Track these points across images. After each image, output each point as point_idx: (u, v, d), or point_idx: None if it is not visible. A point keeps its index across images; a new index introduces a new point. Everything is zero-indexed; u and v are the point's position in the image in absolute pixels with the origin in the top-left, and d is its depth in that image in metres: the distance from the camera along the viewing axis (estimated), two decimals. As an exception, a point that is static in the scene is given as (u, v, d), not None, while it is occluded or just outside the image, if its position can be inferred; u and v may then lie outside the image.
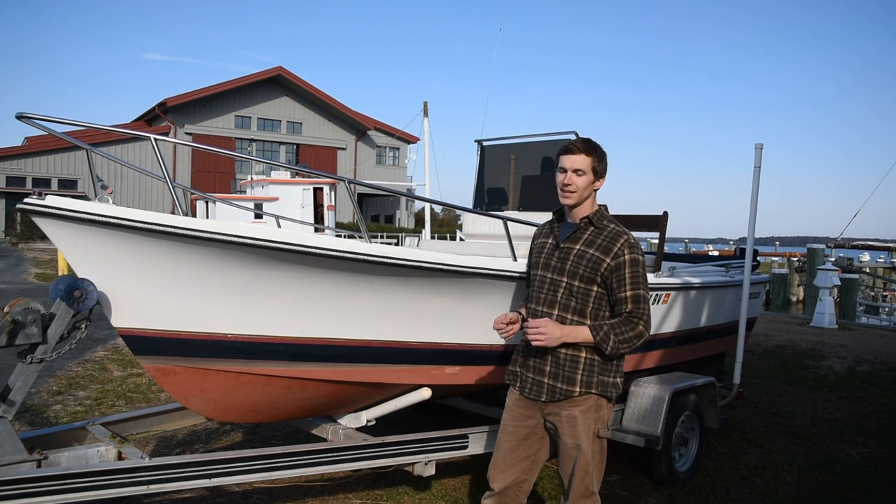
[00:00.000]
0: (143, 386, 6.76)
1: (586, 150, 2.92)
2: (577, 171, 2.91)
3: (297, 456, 3.56)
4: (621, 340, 2.81)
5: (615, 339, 2.81)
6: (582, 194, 2.93)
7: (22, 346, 3.10)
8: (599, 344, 2.83)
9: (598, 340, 2.82)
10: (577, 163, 2.91)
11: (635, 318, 2.83)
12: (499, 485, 3.09)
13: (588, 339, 2.84)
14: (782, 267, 27.02)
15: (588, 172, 2.91)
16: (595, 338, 2.83)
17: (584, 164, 2.91)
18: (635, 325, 2.83)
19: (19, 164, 37.47)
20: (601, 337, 2.82)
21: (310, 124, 46.12)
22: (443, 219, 52.39)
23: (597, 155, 2.93)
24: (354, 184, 3.80)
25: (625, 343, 2.82)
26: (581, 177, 2.91)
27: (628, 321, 2.83)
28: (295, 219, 6.28)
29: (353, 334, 3.64)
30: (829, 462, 5.29)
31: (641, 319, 2.84)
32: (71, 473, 3.04)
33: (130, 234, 3.03)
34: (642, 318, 2.84)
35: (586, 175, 2.91)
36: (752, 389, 7.50)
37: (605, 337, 2.82)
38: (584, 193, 2.93)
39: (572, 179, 2.91)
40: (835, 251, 18.34)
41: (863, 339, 11.81)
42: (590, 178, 2.92)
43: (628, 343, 2.83)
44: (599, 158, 2.94)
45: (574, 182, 2.91)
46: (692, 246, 41.25)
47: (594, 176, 2.93)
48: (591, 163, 2.91)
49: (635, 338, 2.83)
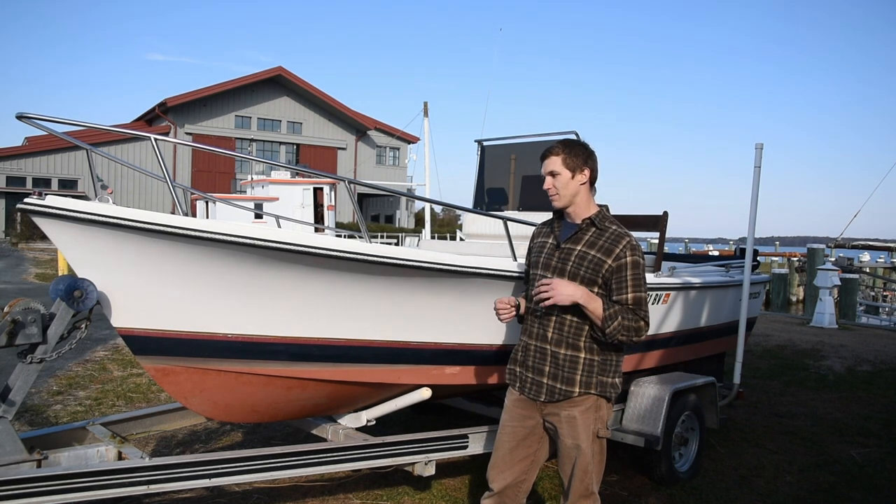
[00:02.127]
0: (143, 386, 6.76)
1: (555, 151, 2.94)
2: (550, 173, 2.94)
3: (297, 456, 3.56)
4: (625, 326, 2.79)
5: (621, 321, 2.79)
6: (565, 194, 2.93)
7: (22, 346, 3.10)
8: (606, 320, 2.79)
9: (607, 316, 2.79)
10: (549, 166, 2.94)
11: (637, 315, 2.84)
12: (498, 485, 3.09)
13: (598, 310, 2.80)
14: (782, 267, 27.01)
15: (562, 171, 2.92)
16: (605, 311, 2.80)
17: (556, 164, 2.92)
18: (638, 320, 2.83)
19: (19, 164, 37.47)
20: (610, 313, 2.79)
21: (310, 124, 46.11)
22: (443, 219, 52.36)
23: (566, 151, 2.92)
24: (354, 184, 3.80)
25: (626, 330, 2.80)
26: (557, 177, 2.92)
27: (633, 313, 2.83)
28: (295, 219, 6.28)
29: (353, 334, 3.64)
30: (829, 462, 5.29)
31: (643, 319, 2.84)
32: (71, 473, 3.04)
33: (130, 233, 3.03)
34: (643, 318, 2.85)
35: (561, 174, 2.92)
36: (752, 389, 7.50)
37: (614, 315, 2.79)
38: (567, 192, 2.93)
39: (549, 183, 2.95)
40: (835, 251, 18.31)
41: (863, 339, 11.81)
42: (566, 175, 2.92)
43: (629, 332, 2.80)
44: (570, 153, 2.92)
45: (552, 185, 2.94)
46: (692, 246, 41.25)
47: (570, 171, 2.92)
48: (562, 160, 2.91)
49: (636, 330, 2.81)
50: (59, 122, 3.08)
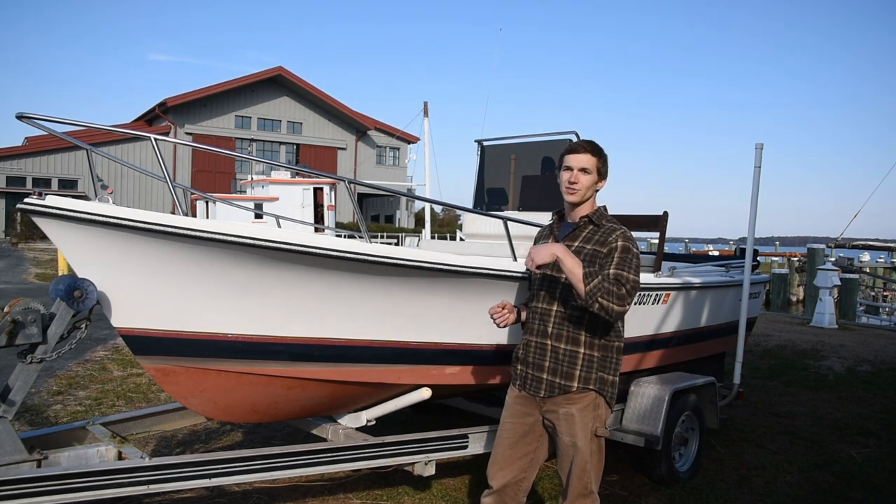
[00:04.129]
0: (143, 386, 6.76)
1: (592, 151, 3.03)
2: (583, 169, 3.00)
3: (297, 456, 3.56)
4: (604, 289, 2.75)
5: (601, 281, 2.76)
6: (585, 193, 3.01)
7: (22, 346, 3.10)
8: (584, 277, 2.77)
9: (586, 272, 2.78)
10: (582, 161, 3.00)
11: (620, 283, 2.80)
12: (498, 482, 3.10)
13: (576, 266, 2.79)
14: (782, 267, 27.03)
15: (593, 172, 3.01)
16: (584, 269, 2.79)
17: (590, 163, 3.00)
18: (620, 287, 2.78)
19: (19, 164, 37.49)
20: (589, 271, 2.79)
21: (310, 124, 46.12)
22: (443, 219, 52.36)
23: (601, 157, 3.05)
24: (354, 184, 3.80)
25: (607, 294, 2.74)
26: (586, 175, 3.00)
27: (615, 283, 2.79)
28: (295, 219, 6.28)
29: (353, 334, 3.64)
30: (829, 462, 5.30)
31: (625, 287, 2.79)
32: (71, 473, 3.04)
33: (130, 234, 3.03)
34: (624, 286, 2.79)
35: (591, 174, 3.01)
36: (752, 389, 7.50)
37: (593, 273, 2.79)
38: (587, 192, 3.02)
39: (578, 177, 2.99)
40: (835, 251, 18.34)
41: (863, 339, 11.82)
42: (594, 177, 3.02)
43: (609, 296, 2.74)
44: (603, 160, 3.05)
45: (580, 180, 2.99)
46: (692, 246, 41.24)
47: (598, 176, 3.03)
48: (597, 163, 3.02)
49: (616, 297, 2.75)
50: (59, 121, 3.08)
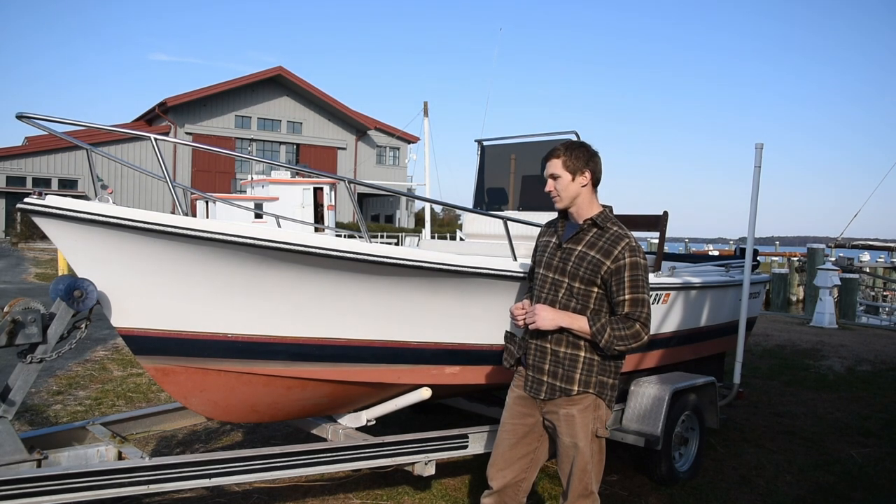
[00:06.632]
0: (143, 386, 6.76)
1: (556, 153, 2.96)
2: (552, 175, 2.96)
3: (297, 456, 3.56)
4: (617, 336, 2.80)
5: (611, 333, 2.80)
6: (566, 196, 2.95)
7: (22, 345, 3.10)
8: (595, 335, 2.82)
9: (595, 331, 2.81)
10: (551, 168, 2.97)
11: (632, 318, 2.82)
12: (498, 483, 3.10)
13: (584, 327, 2.84)
14: (782, 267, 27.03)
15: (562, 173, 2.93)
16: (592, 328, 2.82)
17: (556, 167, 2.95)
18: (632, 325, 2.81)
19: (19, 164, 37.47)
20: (598, 328, 2.81)
21: (310, 124, 46.10)
22: (443, 219, 52.34)
23: (567, 153, 2.94)
24: (354, 184, 3.80)
25: (620, 340, 2.80)
26: (557, 180, 2.95)
27: (625, 320, 2.83)
28: (295, 219, 6.28)
29: (353, 334, 3.64)
30: (829, 462, 5.29)
31: (638, 320, 2.82)
32: (71, 473, 3.04)
33: (130, 234, 3.03)
34: (639, 319, 2.82)
35: (562, 177, 2.94)
36: (752, 389, 7.49)
37: (602, 329, 2.81)
38: (568, 195, 2.95)
39: (551, 185, 2.98)
40: (835, 251, 18.33)
41: (863, 339, 11.81)
42: (566, 178, 2.93)
43: (624, 341, 2.80)
44: (571, 156, 2.93)
45: (553, 187, 2.97)
46: (692, 246, 41.24)
47: (570, 174, 2.93)
48: (562, 163, 2.93)
49: (632, 337, 2.80)
50: (59, 121, 3.08)
